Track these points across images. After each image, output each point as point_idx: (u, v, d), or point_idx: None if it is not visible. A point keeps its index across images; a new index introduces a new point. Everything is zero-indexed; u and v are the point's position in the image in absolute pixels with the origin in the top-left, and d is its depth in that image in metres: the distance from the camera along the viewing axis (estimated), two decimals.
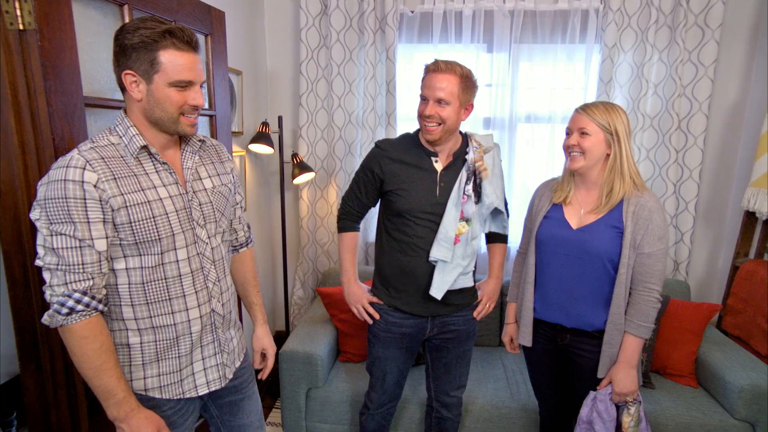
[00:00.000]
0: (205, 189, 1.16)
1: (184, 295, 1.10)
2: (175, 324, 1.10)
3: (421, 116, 1.45)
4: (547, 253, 1.51)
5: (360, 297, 1.62)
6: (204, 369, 1.18)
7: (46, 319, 0.97)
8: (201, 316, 1.14)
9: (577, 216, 1.47)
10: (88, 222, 0.95)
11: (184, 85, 1.01)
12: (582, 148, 1.39)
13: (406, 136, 1.59)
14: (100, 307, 0.99)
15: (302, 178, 2.50)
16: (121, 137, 1.03)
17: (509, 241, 2.63)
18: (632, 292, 1.43)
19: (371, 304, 1.62)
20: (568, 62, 2.47)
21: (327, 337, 2.18)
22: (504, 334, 1.72)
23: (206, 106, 1.74)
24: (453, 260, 1.48)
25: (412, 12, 2.48)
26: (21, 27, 1.10)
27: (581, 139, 1.39)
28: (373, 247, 2.70)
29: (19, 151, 1.15)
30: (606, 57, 2.36)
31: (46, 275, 0.96)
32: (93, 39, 1.31)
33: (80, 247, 0.95)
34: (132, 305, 1.06)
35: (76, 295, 0.95)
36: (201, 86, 1.05)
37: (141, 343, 1.08)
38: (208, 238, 1.15)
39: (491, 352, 2.37)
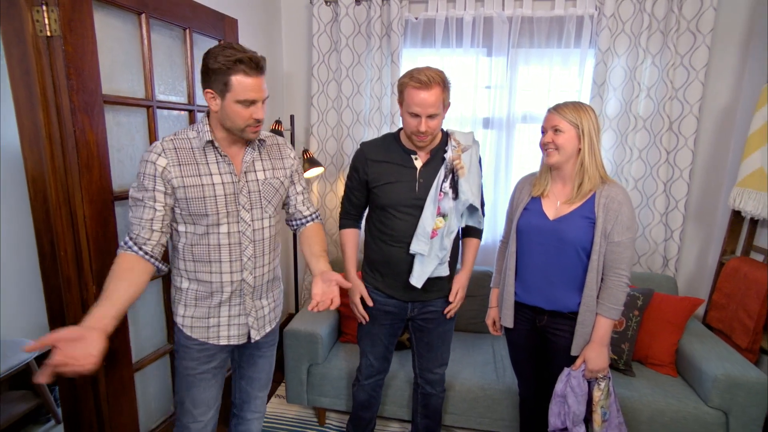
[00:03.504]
0: (257, 180, 1.30)
1: (220, 261, 1.26)
2: (211, 282, 1.27)
3: (415, 131, 1.42)
4: (526, 242, 1.53)
5: (355, 290, 1.64)
6: (228, 325, 1.32)
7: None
8: (231, 282, 1.29)
9: (553, 207, 1.49)
10: (154, 191, 1.17)
11: (249, 103, 1.16)
12: (556, 144, 1.41)
13: (387, 136, 1.61)
14: (140, 252, 1.17)
15: (312, 173, 2.54)
16: (198, 133, 1.23)
17: (495, 233, 2.66)
18: (604, 278, 1.44)
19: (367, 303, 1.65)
20: (563, 66, 2.43)
21: (329, 319, 2.22)
22: (487, 317, 1.74)
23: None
24: (431, 253, 1.50)
25: (416, 18, 2.49)
26: (48, 34, 1.18)
27: (555, 136, 1.41)
28: (361, 239, 2.75)
29: (47, 142, 1.24)
30: (600, 61, 2.32)
31: (129, 220, 1.21)
32: (113, 44, 1.38)
33: (143, 207, 1.17)
34: (184, 260, 1.27)
35: (133, 238, 1.18)
36: (263, 101, 1.20)
37: (187, 289, 1.29)
38: (251, 220, 1.29)
39: (483, 338, 2.37)
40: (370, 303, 1.63)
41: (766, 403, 1.73)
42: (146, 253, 1.17)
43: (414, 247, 1.49)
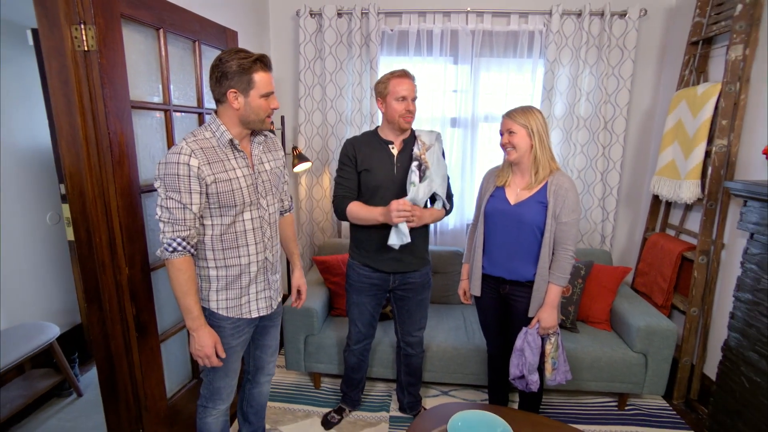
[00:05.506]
0: (267, 171, 1.40)
1: (248, 245, 1.36)
2: (240, 264, 1.36)
3: (404, 112, 1.63)
4: (492, 223, 1.70)
5: (392, 208, 1.53)
6: (257, 299, 1.44)
7: (158, 252, 1.25)
8: (257, 261, 1.40)
9: (514, 194, 1.66)
10: (190, 192, 1.21)
11: (269, 95, 1.27)
12: (512, 144, 1.60)
13: (368, 132, 1.80)
14: (192, 250, 1.26)
15: (301, 167, 2.65)
16: (213, 132, 1.28)
17: (463, 217, 2.86)
18: (554, 252, 1.62)
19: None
20: (518, 73, 2.64)
21: (321, 295, 2.36)
22: (459, 288, 1.91)
23: None
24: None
25: (392, 30, 2.64)
26: (86, 48, 1.27)
27: (510, 137, 1.60)
28: (345, 226, 2.92)
29: (84, 143, 1.32)
30: (548, 70, 2.55)
31: (160, 225, 1.23)
32: (137, 56, 1.47)
33: (183, 208, 1.21)
34: (213, 250, 1.33)
35: (178, 239, 1.22)
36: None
37: (217, 276, 1.35)
38: (267, 206, 1.40)
39: (454, 308, 2.57)
40: (409, 207, 1.53)
41: (674, 345, 2.05)
42: (192, 252, 1.26)
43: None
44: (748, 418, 1.77)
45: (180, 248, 1.23)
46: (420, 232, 1.77)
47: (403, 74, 1.63)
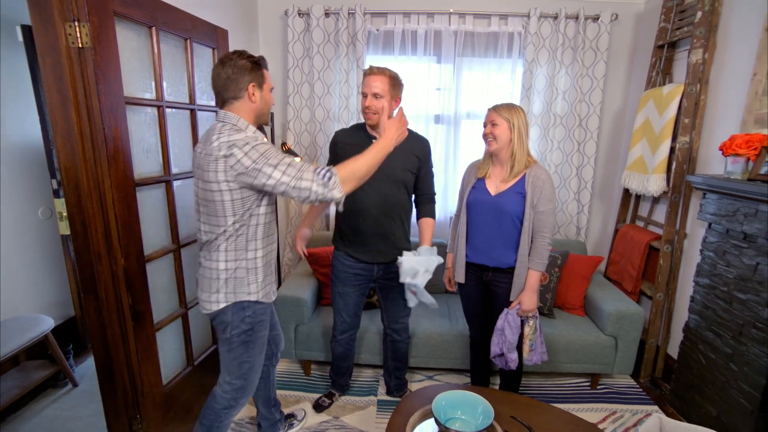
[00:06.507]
0: None
1: (276, 231, 1.47)
2: (273, 250, 1.46)
3: (363, 108, 1.69)
4: (474, 213, 1.76)
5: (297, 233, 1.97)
6: (273, 282, 1.51)
7: (334, 202, 1.27)
8: (276, 249, 1.49)
9: (494, 186, 1.73)
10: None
11: (271, 90, 1.38)
12: (494, 135, 1.66)
13: (356, 125, 1.84)
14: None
15: None
16: (245, 131, 1.29)
17: (446, 210, 2.93)
18: (533, 240, 1.69)
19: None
20: (498, 72, 2.71)
21: (311, 286, 2.39)
22: (444, 276, 1.97)
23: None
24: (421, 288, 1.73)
25: (377, 30, 2.67)
26: (80, 45, 1.27)
27: (492, 128, 1.66)
28: (333, 219, 2.96)
29: (79, 138, 1.34)
30: (526, 69, 2.63)
31: (301, 184, 1.22)
32: (130, 53, 1.47)
33: (292, 160, 1.24)
34: (260, 239, 1.38)
35: (317, 171, 1.24)
36: None
37: (264, 265, 1.41)
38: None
39: (440, 297, 2.62)
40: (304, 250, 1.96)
41: (641, 328, 2.17)
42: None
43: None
44: (704, 391, 1.89)
45: (326, 170, 1.24)
46: (397, 224, 1.81)
47: (370, 72, 1.67)
